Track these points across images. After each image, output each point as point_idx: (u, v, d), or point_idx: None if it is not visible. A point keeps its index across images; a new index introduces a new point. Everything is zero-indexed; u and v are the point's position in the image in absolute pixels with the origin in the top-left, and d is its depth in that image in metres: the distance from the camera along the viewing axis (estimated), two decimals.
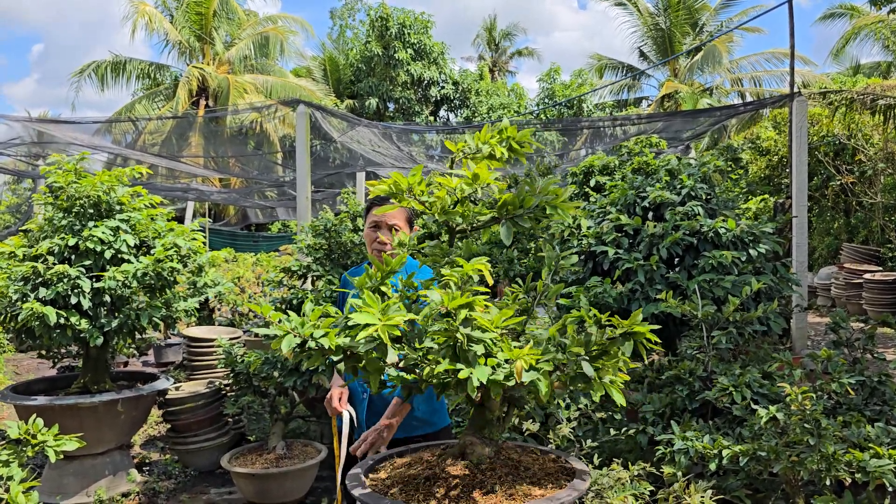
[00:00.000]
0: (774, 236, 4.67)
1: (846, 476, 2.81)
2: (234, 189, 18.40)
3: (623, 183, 5.16)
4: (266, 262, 11.87)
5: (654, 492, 3.05)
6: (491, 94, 29.81)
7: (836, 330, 4.11)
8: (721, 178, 5.35)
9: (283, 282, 5.73)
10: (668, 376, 3.98)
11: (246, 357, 5.00)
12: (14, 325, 4.61)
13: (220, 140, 15.42)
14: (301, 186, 7.17)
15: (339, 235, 5.47)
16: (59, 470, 4.84)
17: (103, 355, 5.13)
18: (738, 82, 25.23)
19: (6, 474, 3.12)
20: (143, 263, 4.66)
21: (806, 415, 2.97)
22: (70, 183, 4.76)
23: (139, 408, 5.06)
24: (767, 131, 15.46)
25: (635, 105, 27.60)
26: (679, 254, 4.58)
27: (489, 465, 2.09)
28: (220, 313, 9.80)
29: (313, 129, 8.22)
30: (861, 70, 22.70)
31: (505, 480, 2.02)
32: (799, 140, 7.27)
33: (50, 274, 4.46)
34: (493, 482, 2.00)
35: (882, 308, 11.25)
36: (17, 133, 9.75)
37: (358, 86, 27.82)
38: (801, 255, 7.18)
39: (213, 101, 22.65)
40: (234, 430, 5.70)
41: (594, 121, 12.42)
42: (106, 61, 23.02)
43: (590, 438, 3.57)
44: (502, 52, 37.35)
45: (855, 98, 11.20)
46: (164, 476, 5.31)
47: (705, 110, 12.89)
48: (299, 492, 4.77)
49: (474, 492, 1.96)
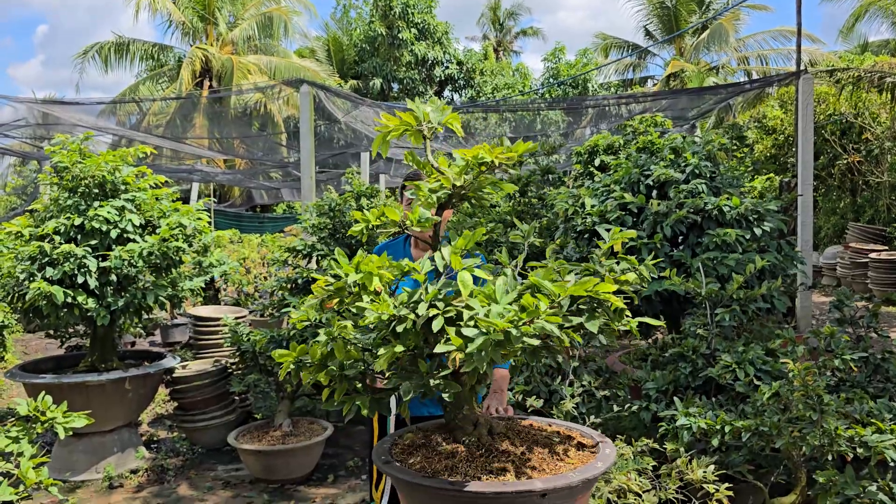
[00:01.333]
0: (779, 214, 4.65)
1: (848, 451, 2.83)
2: (239, 170, 18.41)
3: (627, 161, 5.14)
4: (271, 242, 11.90)
5: (658, 467, 3.07)
6: (495, 73, 29.62)
7: (840, 307, 4.11)
8: (726, 156, 5.33)
9: (288, 261, 5.75)
10: (671, 353, 3.99)
11: (252, 336, 5.03)
12: (22, 305, 4.65)
13: (225, 121, 15.40)
14: (305, 167, 7.17)
15: (344, 215, 5.48)
16: (69, 447, 4.90)
17: (110, 334, 5.17)
18: (744, 61, 25.03)
19: (17, 450, 3.16)
20: (149, 243, 4.68)
21: (808, 391, 2.98)
22: (75, 163, 4.77)
23: (146, 386, 5.10)
24: (774, 110, 15.36)
25: (641, 84, 27.40)
26: (683, 232, 4.58)
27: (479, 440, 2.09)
28: (225, 293, 9.85)
29: (317, 110, 8.21)
30: (869, 48, 22.46)
31: (502, 458, 2.02)
32: (805, 118, 7.22)
33: (56, 254, 4.49)
34: (494, 458, 2.01)
35: (887, 287, 11.24)
36: (21, 115, 9.76)
37: (362, 66, 27.68)
38: (807, 233, 7.17)
39: (217, 82, 22.58)
40: (240, 408, 5.75)
41: (599, 100, 12.36)
42: (109, 42, 22.94)
43: (593, 415, 3.60)
44: (507, 32, 37.07)
45: (862, 76, 11.11)
46: (172, 453, 5.37)
47: (711, 88, 12.81)
48: (305, 468, 4.82)
49: (478, 462, 1.98)
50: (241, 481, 4.87)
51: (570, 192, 5.42)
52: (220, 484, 4.84)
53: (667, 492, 2.94)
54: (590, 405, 3.83)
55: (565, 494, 1.85)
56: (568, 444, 2.16)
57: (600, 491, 2.77)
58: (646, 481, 2.92)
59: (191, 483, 4.86)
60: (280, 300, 5.49)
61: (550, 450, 2.08)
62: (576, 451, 2.11)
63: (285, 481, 4.76)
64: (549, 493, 1.82)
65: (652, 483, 2.99)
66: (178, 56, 24.10)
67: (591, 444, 2.17)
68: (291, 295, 5.40)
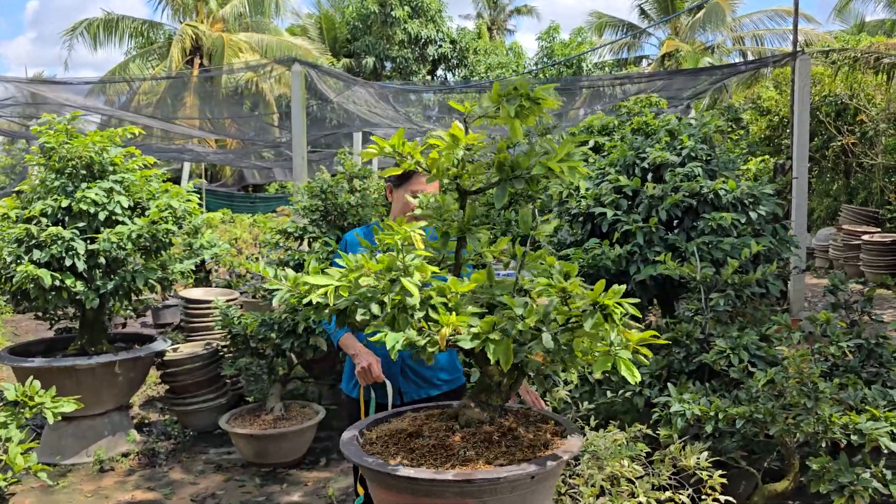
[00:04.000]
0: (775, 198, 4.62)
1: (842, 438, 2.82)
2: (231, 150, 18.24)
3: (622, 143, 5.09)
4: (263, 223, 11.81)
5: (651, 453, 3.06)
6: (489, 53, 29.38)
7: (835, 292, 4.09)
8: (721, 138, 5.28)
9: (279, 243, 5.70)
10: (665, 338, 3.97)
11: (243, 319, 4.99)
12: (9, 288, 4.59)
13: (216, 100, 15.22)
14: (297, 147, 7.10)
15: (336, 197, 5.42)
16: (58, 431, 4.86)
17: (100, 317, 5.12)
18: (739, 41, 24.89)
19: (4, 436, 3.12)
20: (138, 225, 4.63)
21: (803, 377, 2.96)
22: (62, 143, 4.70)
23: (137, 369, 5.07)
24: (768, 91, 15.28)
25: (635, 64, 27.24)
26: (678, 216, 4.54)
27: (476, 430, 2.07)
28: (216, 275, 9.78)
29: (309, 90, 8.11)
30: (865, 28, 22.37)
31: (480, 446, 2.00)
32: (801, 100, 7.17)
33: (44, 236, 4.43)
34: (467, 447, 1.99)
35: (880, 270, 11.26)
36: (10, 93, 9.60)
37: (354, 45, 27.41)
38: (801, 216, 7.15)
39: (208, 61, 22.32)
40: (232, 392, 5.73)
41: (593, 80, 12.27)
42: (98, 19, 22.60)
43: (587, 401, 3.58)
44: (501, 10, 36.71)
45: (858, 57, 11.05)
46: (164, 436, 5.34)
47: (706, 69, 12.74)
48: (297, 452, 4.81)
49: (442, 451, 1.98)
50: (233, 465, 4.85)
51: None
52: (211, 467, 4.82)
53: (660, 478, 2.93)
54: (583, 390, 3.81)
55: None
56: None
57: (593, 479, 2.76)
58: (639, 467, 2.90)
59: (182, 466, 4.85)
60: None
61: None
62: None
63: (277, 465, 4.75)
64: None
65: (645, 469, 2.97)
66: (168, 33, 23.80)
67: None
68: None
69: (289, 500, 4.32)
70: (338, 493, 4.34)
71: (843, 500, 2.73)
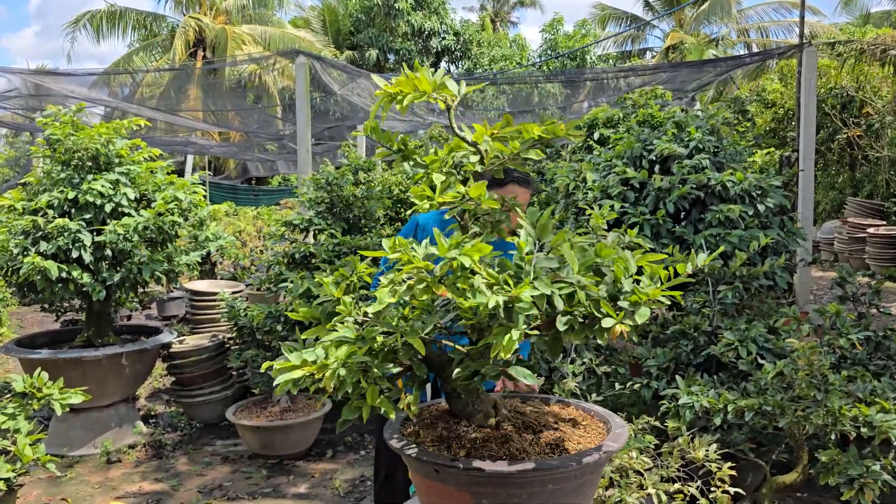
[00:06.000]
0: (782, 190, 4.60)
1: (851, 431, 2.81)
2: (234, 143, 18.23)
3: (629, 136, 5.07)
4: (267, 215, 11.82)
5: (659, 445, 3.05)
6: (493, 45, 29.30)
7: (843, 284, 4.08)
8: (728, 130, 5.26)
9: (284, 235, 5.69)
10: (672, 331, 3.97)
11: (249, 311, 4.99)
12: (16, 280, 4.60)
13: (219, 93, 15.21)
14: (301, 139, 7.08)
15: (341, 189, 5.41)
16: (66, 423, 4.88)
17: (106, 309, 5.12)
18: (744, 33, 24.79)
19: (13, 427, 3.13)
20: (144, 217, 4.62)
21: (813, 370, 2.95)
22: (67, 135, 4.69)
23: (143, 361, 5.07)
24: (773, 83, 15.22)
25: (639, 57, 27.14)
26: (686, 208, 4.53)
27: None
28: (221, 267, 9.79)
29: (313, 82, 8.08)
30: (871, 19, 22.24)
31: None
32: (807, 92, 7.14)
33: (50, 228, 4.43)
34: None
35: (885, 262, 11.23)
36: (14, 85, 9.59)
37: (357, 37, 27.33)
38: (807, 209, 7.13)
39: (211, 53, 22.27)
40: (238, 384, 5.73)
41: (598, 72, 12.20)
42: (101, 11, 22.55)
43: (594, 393, 3.57)
44: (504, 2, 36.57)
45: (865, 49, 10.99)
46: (170, 428, 5.35)
47: (711, 61, 12.67)
48: (303, 444, 4.82)
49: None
50: (240, 456, 4.86)
51: (570, 166, 5.35)
52: (218, 459, 4.83)
53: (668, 470, 2.92)
54: (590, 382, 3.81)
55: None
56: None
57: (603, 470, 2.75)
58: (647, 459, 2.90)
59: (189, 458, 4.85)
60: (277, 275, 5.44)
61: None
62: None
63: (284, 456, 4.76)
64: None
65: (653, 461, 2.97)
66: (171, 25, 23.74)
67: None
68: (289, 269, 5.35)
69: (295, 492, 4.32)
70: (344, 485, 4.35)
71: (853, 493, 2.73)
